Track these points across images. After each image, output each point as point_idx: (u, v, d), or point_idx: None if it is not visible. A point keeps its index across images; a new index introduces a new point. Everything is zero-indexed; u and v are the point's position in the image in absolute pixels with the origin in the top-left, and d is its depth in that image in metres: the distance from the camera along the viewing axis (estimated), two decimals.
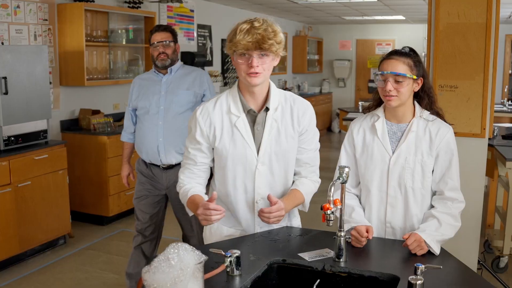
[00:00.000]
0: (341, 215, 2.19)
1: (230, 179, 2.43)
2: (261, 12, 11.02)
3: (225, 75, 10.06)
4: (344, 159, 2.68)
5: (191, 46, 8.80)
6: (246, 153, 2.38)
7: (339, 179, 2.15)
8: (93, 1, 6.27)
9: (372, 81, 14.19)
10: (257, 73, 2.25)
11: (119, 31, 6.89)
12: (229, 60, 10.12)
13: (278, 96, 2.43)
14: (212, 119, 2.40)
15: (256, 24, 2.21)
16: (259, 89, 2.36)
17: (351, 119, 8.73)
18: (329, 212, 2.03)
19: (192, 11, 8.65)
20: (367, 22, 13.48)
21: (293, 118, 2.43)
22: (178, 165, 3.84)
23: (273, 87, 2.44)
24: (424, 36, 13.16)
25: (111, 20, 6.76)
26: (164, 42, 3.82)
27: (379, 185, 2.55)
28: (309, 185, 2.54)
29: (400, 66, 2.41)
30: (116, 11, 6.72)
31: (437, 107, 2.58)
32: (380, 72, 2.46)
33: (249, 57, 2.23)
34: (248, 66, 2.24)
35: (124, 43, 6.96)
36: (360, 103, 9.85)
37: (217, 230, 2.55)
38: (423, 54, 12.97)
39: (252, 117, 2.39)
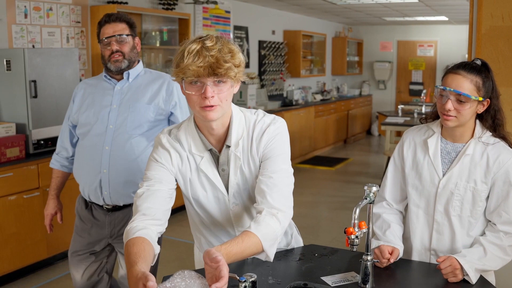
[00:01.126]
0: (367, 239, 2.02)
1: (206, 224, 2.19)
2: (300, 13, 10.85)
3: (262, 77, 9.93)
4: (391, 171, 2.49)
5: None
6: (218, 196, 2.10)
7: (366, 199, 1.98)
8: (127, 3, 6.21)
9: (413, 83, 13.86)
10: (212, 106, 1.87)
11: (153, 33, 6.82)
12: (267, 62, 9.99)
13: (239, 129, 2.06)
14: (183, 161, 2.08)
15: (208, 43, 1.83)
16: (218, 124, 2.00)
17: (390, 124, 8.51)
18: (353, 237, 1.85)
19: (228, 12, 8.54)
20: (409, 23, 13.16)
21: (252, 146, 2.05)
22: (128, 206, 2.96)
23: (236, 117, 2.06)
24: (468, 38, 12.76)
25: (145, 22, 6.69)
26: (118, 37, 2.85)
27: (426, 208, 2.36)
28: (266, 221, 1.91)
29: (466, 85, 2.18)
30: (149, 13, 6.64)
31: (504, 131, 2.32)
32: (441, 87, 2.23)
33: (202, 86, 1.85)
34: (201, 98, 1.87)
35: (158, 45, 6.88)
36: (399, 106, 9.56)
37: (199, 262, 2.37)
38: (466, 56, 12.62)
39: (215, 156, 2.07)
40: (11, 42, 5.07)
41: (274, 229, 1.90)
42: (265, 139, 2.03)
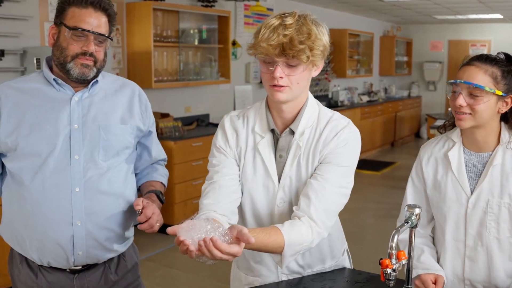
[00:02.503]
0: (408, 270, 1.71)
1: (247, 212, 1.98)
2: (346, 11, 10.50)
3: None
4: (411, 194, 2.18)
5: None
6: (268, 185, 1.92)
7: (407, 222, 1.67)
8: (163, 0, 6.01)
9: None
10: (281, 86, 1.75)
11: (191, 31, 6.60)
12: None
13: (310, 119, 1.91)
14: (239, 137, 1.95)
15: (288, 21, 1.71)
16: (288, 107, 1.86)
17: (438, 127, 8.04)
18: (389, 270, 1.55)
19: (271, 9, 8.27)
20: (460, 21, 12.61)
21: (318, 143, 1.88)
22: (105, 263, 2.20)
23: (310, 106, 1.92)
24: None
25: (183, 19, 6.48)
26: (98, 36, 2.01)
27: (454, 233, 2.03)
28: (301, 230, 1.76)
29: (480, 76, 1.86)
30: (188, 10, 6.43)
31: None
32: (452, 81, 1.93)
33: (273, 65, 1.74)
34: (271, 77, 1.76)
35: (196, 43, 6.67)
36: (450, 109, 9.12)
37: (235, 278, 2.15)
38: None
39: (276, 140, 1.92)
40: (43, 40, 4.92)
41: (303, 241, 1.75)
42: (335, 141, 1.86)
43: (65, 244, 2.05)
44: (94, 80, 2.09)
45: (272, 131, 1.91)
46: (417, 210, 1.68)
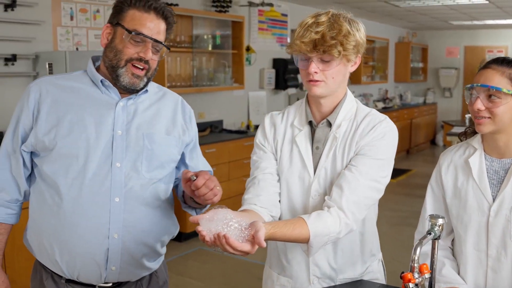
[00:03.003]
0: (431, 284, 1.62)
1: (283, 204, 1.99)
2: (361, 16, 10.39)
3: None
4: (430, 202, 2.09)
5: (283, 53, 8.34)
6: (304, 176, 1.95)
7: (430, 234, 1.59)
8: (177, 5, 5.96)
9: None
10: (316, 80, 1.83)
11: (205, 37, 6.55)
12: None
13: (348, 113, 1.95)
14: (277, 131, 2.02)
15: (321, 18, 1.80)
16: (326, 101, 1.93)
17: (457, 134, 7.95)
18: (411, 285, 1.46)
19: (285, 15, 8.20)
20: (477, 27, 12.46)
21: (355, 136, 1.91)
22: (137, 281, 2.08)
23: (348, 100, 1.97)
24: None
25: (196, 24, 6.43)
26: (156, 44, 1.93)
27: (476, 243, 1.93)
28: (327, 221, 1.76)
29: (497, 78, 1.81)
30: (201, 15, 6.37)
31: None
32: (469, 86, 1.87)
33: (308, 61, 1.82)
34: (307, 73, 1.84)
35: (210, 49, 6.61)
36: (467, 116, 8.97)
37: (267, 279, 2.13)
38: None
39: (313, 132, 1.98)
40: (56, 45, 4.89)
41: (329, 232, 1.76)
42: (371, 133, 1.89)
43: (99, 258, 1.91)
44: (144, 90, 2.01)
45: (310, 124, 1.97)
46: (440, 221, 1.59)
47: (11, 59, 4.47)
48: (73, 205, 1.89)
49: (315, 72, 1.81)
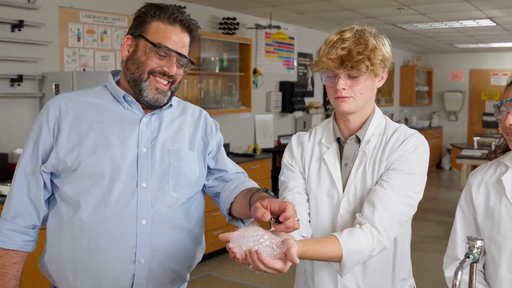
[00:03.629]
0: None
1: (311, 223, 1.91)
2: None
3: (327, 106, 9.46)
4: (460, 224, 1.99)
5: (290, 76, 8.30)
6: (332, 194, 1.87)
7: (469, 257, 1.48)
8: None
9: (487, 114, 12.99)
10: (344, 97, 1.79)
11: (212, 59, 6.50)
12: None
13: (377, 128, 1.91)
14: (304, 150, 1.96)
15: (346, 35, 1.77)
16: (355, 117, 1.89)
17: (467, 157, 7.86)
18: None
19: (292, 38, 8.16)
20: (482, 50, 12.44)
21: (385, 151, 1.85)
22: None
23: (377, 115, 1.93)
24: None
25: (203, 47, 6.38)
26: (181, 58, 1.84)
27: (511, 265, 1.82)
28: (360, 238, 1.68)
29: None
30: (208, 37, 6.33)
31: None
32: (498, 102, 1.80)
33: (335, 78, 1.79)
34: (334, 90, 1.80)
35: (217, 71, 6.55)
36: (475, 138, 8.89)
37: None
38: None
39: (342, 148, 1.93)
40: (63, 66, 4.83)
41: (362, 249, 1.68)
42: (402, 147, 1.83)
43: (124, 284, 1.79)
44: (168, 105, 1.92)
45: (338, 141, 1.93)
46: (479, 243, 1.48)
47: (17, 79, 4.41)
48: (97, 228, 1.77)
49: (343, 89, 1.78)
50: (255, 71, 7.24)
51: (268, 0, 6.22)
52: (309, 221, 1.90)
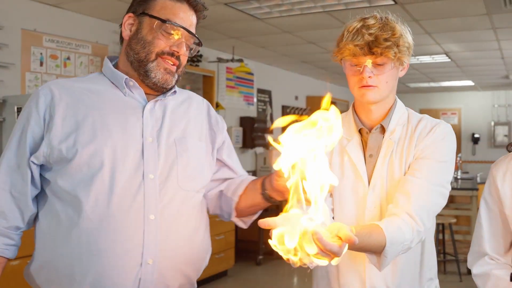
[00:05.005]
0: None
1: (337, 219, 1.79)
2: (324, 79, 10.48)
3: None
4: (485, 217, 1.89)
5: (250, 111, 8.24)
6: (358, 187, 1.78)
7: None
8: None
9: None
10: (370, 86, 1.70)
11: None
12: None
13: (401, 118, 1.82)
14: None
15: (371, 21, 1.69)
16: (377, 107, 1.80)
17: None
18: None
19: (252, 74, 8.13)
20: (432, 90, 12.76)
21: (412, 140, 1.77)
22: None
23: (399, 106, 1.85)
24: (493, 104, 12.37)
25: None
26: (191, 36, 1.73)
27: None
28: (401, 228, 1.56)
29: None
30: None
31: None
32: None
33: (360, 67, 1.70)
34: (359, 78, 1.71)
35: None
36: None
37: None
38: (492, 123, 12.18)
39: (365, 139, 1.83)
40: (24, 89, 4.61)
41: (404, 239, 1.55)
42: (431, 135, 1.75)
43: None
44: (173, 90, 1.77)
45: (360, 132, 1.83)
46: None
47: None
48: (99, 225, 1.56)
49: (369, 77, 1.69)
50: (217, 105, 7.14)
51: (231, 32, 6.19)
52: (333, 218, 1.78)
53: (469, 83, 11.06)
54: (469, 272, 6.24)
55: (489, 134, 12.32)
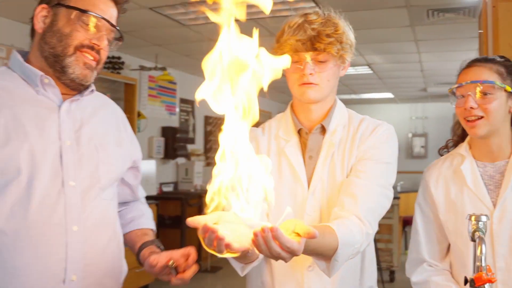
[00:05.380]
0: None
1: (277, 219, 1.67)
2: None
3: (208, 155, 9.29)
4: (421, 222, 1.88)
5: (172, 121, 8.06)
6: (296, 190, 1.68)
7: (479, 235, 1.34)
8: None
9: None
10: (311, 83, 1.63)
11: None
12: (213, 138, 9.40)
13: (341, 118, 1.76)
14: (259, 145, 1.77)
15: (313, 17, 1.64)
16: (317, 107, 1.73)
17: None
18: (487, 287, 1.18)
19: (174, 83, 7.97)
20: (353, 102, 13.01)
21: (354, 139, 1.70)
22: None
23: (340, 106, 1.79)
24: (411, 116, 12.74)
25: None
26: (111, 27, 1.60)
27: None
28: (352, 229, 1.47)
29: (486, 74, 1.70)
30: None
31: None
32: (456, 86, 1.74)
33: (301, 63, 1.62)
34: (300, 75, 1.64)
35: None
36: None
37: None
38: (409, 135, 12.56)
39: (304, 140, 1.74)
40: None
41: (355, 242, 1.46)
42: (374, 136, 1.68)
43: None
44: (90, 89, 1.64)
45: (299, 133, 1.75)
46: (484, 218, 1.36)
47: None
48: (15, 240, 1.40)
49: (311, 74, 1.62)
50: (139, 114, 6.94)
51: (155, 39, 6.03)
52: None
53: (389, 95, 11.35)
54: (391, 279, 6.43)
55: (406, 146, 12.67)
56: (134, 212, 1.83)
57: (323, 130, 1.73)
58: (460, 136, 1.93)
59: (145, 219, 1.83)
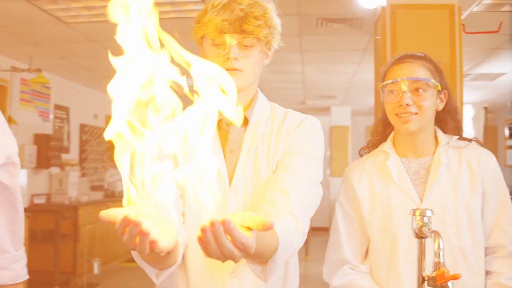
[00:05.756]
0: None
1: (190, 230, 1.49)
2: None
3: (83, 165, 8.82)
4: (342, 223, 1.81)
5: (46, 128, 7.56)
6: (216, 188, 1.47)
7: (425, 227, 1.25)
8: None
9: None
10: (235, 69, 1.48)
11: None
12: (88, 148, 8.95)
13: (264, 111, 1.62)
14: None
15: None
16: (240, 97, 1.47)
17: None
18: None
19: (49, 88, 7.48)
20: None
21: (280, 132, 1.58)
22: None
23: (261, 98, 1.65)
24: None
25: None
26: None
27: (409, 252, 1.67)
28: (290, 228, 1.36)
29: (421, 71, 1.69)
30: None
31: (468, 138, 1.82)
32: (390, 81, 1.70)
33: (225, 47, 1.47)
34: (222, 60, 1.47)
35: None
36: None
37: None
38: None
39: (224, 133, 1.58)
40: None
41: (293, 241, 1.34)
42: (301, 129, 1.57)
43: None
44: None
45: (219, 124, 1.57)
46: (428, 212, 1.27)
47: None
48: None
49: (235, 59, 1.47)
50: (10, 119, 6.41)
51: (30, 37, 5.58)
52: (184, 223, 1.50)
53: None
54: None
55: None
56: None
57: (245, 121, 1.59)
58: (382, 134, 1.89)
59: None
